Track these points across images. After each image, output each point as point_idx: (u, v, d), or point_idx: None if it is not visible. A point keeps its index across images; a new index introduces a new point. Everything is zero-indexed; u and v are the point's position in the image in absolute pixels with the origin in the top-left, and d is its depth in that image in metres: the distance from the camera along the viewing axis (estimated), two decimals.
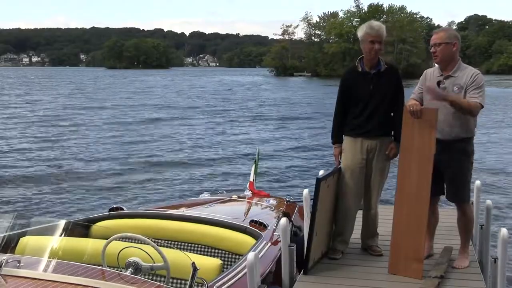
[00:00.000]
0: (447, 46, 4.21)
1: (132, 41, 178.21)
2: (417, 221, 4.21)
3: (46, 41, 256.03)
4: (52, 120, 25.40)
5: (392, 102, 4.60)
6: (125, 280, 2.93)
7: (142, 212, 4.99)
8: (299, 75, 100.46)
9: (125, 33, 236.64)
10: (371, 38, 4.49)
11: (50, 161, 14.91)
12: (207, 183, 12.39)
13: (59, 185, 11.97)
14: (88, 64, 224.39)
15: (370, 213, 4.79)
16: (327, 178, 4.48)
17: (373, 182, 4.69)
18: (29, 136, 19.86)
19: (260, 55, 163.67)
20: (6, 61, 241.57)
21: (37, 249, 3.22)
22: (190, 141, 19.22)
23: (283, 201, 6.11)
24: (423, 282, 4.10)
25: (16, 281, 2.81)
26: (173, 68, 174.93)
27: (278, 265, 4.19)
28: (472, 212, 4.67)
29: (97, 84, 67.47)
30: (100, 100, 39.28)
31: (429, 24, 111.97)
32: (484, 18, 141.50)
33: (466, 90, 4.15)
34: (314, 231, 4.33)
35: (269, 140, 19.83)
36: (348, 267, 4.50)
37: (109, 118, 26.57)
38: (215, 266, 3.58)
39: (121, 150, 17.03)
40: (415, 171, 4.21)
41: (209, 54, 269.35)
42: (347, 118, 4.70)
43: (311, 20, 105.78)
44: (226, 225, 4.55)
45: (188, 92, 50.25)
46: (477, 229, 5.06)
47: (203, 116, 28.17)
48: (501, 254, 3.83)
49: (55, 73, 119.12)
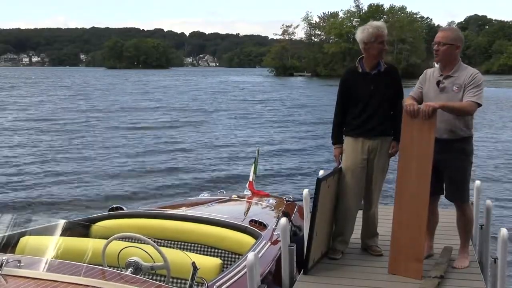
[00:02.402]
0: (450, 48, 4.20)
1: (132, 41, 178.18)
2: (417, 221, 4.21)
3: (46, 41, 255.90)
4: (52, 120, 25.40)
5: (392, 102, 4.61)
6: (125, 279, 2.93)
7: (142, 212, 4.99)
8: (299, 75, 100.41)
9: (125, 33, 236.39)
10: (381, 38, 4.47)
11: (50, 161, 14.92)
12: (207, 183, 12.39)
13: (59, 185, 11.97)
14: (88, 64, 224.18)
15: (370, 213, 4.80)
16: (328, 178, 4.48)
17: (373, 182, 4.69)
18: (30, 136, 19.86)
19: (260, 55, 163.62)
20: (6, 61, 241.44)
21: (38, 249, 3.22)
22: (190, 141, 19.22)
23: (282, 200, 6.11)
24: (423, 282, 4.10)
25: (17, 281, 2.81)
26: (173, 68, 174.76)
27: (278, 265, 4.19)
28: (471, 212, 4.67)
29: (100, 84, 67.25)
30: (101, 100, 39.24)
31: (429, 24, 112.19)
32: (484, 18, 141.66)
33: (465, 89, 4.17)
34: (314, 231, 4.33)
35: (269, 140, 19.82)
36: (348, 267, 4.50)
37: (109, 118, 26.56)
38: (215, 266, 3.58)
39: (121, 150, 17.04)
40: (415, 171, 4.21)
41: (209, 54, 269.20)
42: (347, 119, 4.70)
43: (311, 20, 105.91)
44: (226, 225, 4.55)
45: (192, 92, 50.25)
46: (477, 229, 5.06)
47: (203, 116, 28.17)
48: (501, 254, 3.83)
49: (56, 73, 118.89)
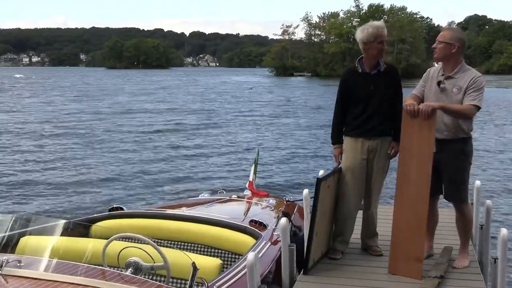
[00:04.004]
0: (446, 46, 4.22)
1: (132, 41, 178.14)
2: (417, 221, 4.21)
3: (46, 41, 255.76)
4: (53, 120, 25.40)
5: (392, 102, 4.61)
6: (125, 280, 2.93)
7: (142, 212, 4.99)
8: (299, 75, 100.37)
9: (125, 33, 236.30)
10: (380, 38, 4.47)
11: (50, 161, 14.92)
12: (207, 183, 12.39)
13: (60, 185, 11.98)
14: (88, 64, 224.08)
15: (370, 213, 4.80)
16: (328, 178, 4.48)
17: (373, 182, 4.69)
18: (30, 137, 19.86)
19: (260, 55, 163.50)
20: (6, 61, 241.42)
21: (38, 249, 3.22)
22: (190, 141, 19.23)
23: (282, 201, 6.11)
24: (423, 282, 4.10)
25: (17, 281, 2.81)
26: (173, 68, 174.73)
27: (278, 265, 4.19)
28: (471, 212, 4.67)
29: (102, 84, 67.14)
30: (102, 101, 39.24)
31: (429, 24, 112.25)
32: (484, 18, 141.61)
33: (466, 92, 4.17)
34: (314, 231, 4.33)
35: (269, 140, 19.82)
36: (348, 267, 4.50)
37: (109, 118, 26.55)
38: (215, 266, 3.59)
39: (122, 150, 17.04)
40: (415, 171, 4.21)
41: (209, 54, 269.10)
42: (347, 119, 4.70)
43: (311, 20, 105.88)
44: (226, 225, 4.56)
45: (193, 92, 50.24)
46: (477, 229, 5.05)
47: (203, 117, 28.17)
48: (501, 254, 3.83)
49: (57, 73, 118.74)
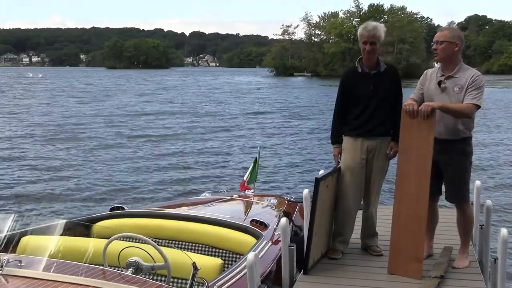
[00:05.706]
0: (449, 45, 4.22)
1: (132, 41, 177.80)
2: (417, 221, 4.21)
3: (46, 41, 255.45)
4: (54, 120, 25.40)
5: (392, 102, 4.61)
6: (126, 280, 2.93)
7: (143, 211, 5.00)
8: (299, 75, 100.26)
9: (125, 33, 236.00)
10: (363, 39, 4.56)
11: (51, 160, 14.92)
12: (208, 183, 12.39)
13: (60, 185, 11.98)
14: (88, 64, 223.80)
15: (369, 213, 4.80)
16: (326, 178, 4.48)
17: (372, 182, 4.70)
18: (30, 137, 19.86)
19: (260, 55, 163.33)
20: (6, 61, 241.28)
21: (38, 249, 3.23)
22: (191, 141, 19.23)
23: (283, 200, 6.12)
24: (423, 282, 4.10)
25: (17, 281, 2.82)
26: (173, 68, 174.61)
27: (278, 265, 4.20)
28: (471, 212, 4.67)
29: (103, 84, 67.02)
30: (104, 101, 39.24)
31: (429, 24, 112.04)
32: (484, 18, 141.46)
33: (466, 90, 4.17)
34: (314, 231, 4.34)
35: (269, 140, 19.82)
36: (348, 267, 4.50)
37: (110, 118, 26.54)
38: (215, 266, 3.59)
39: (122, 150, 17.05)
40: (414, 171, 4.21)
41: (209, 54, 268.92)
42: (346, 119, 4.71)
43: (311, 20, 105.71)
44: (227, 225, 4.56)
45: (194, 92, 50.22)
46: (477, 229, 5.05)
47: (204, 117, 28.17)
48: (501, 254, 3.83)
49: (59, 73, 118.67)
